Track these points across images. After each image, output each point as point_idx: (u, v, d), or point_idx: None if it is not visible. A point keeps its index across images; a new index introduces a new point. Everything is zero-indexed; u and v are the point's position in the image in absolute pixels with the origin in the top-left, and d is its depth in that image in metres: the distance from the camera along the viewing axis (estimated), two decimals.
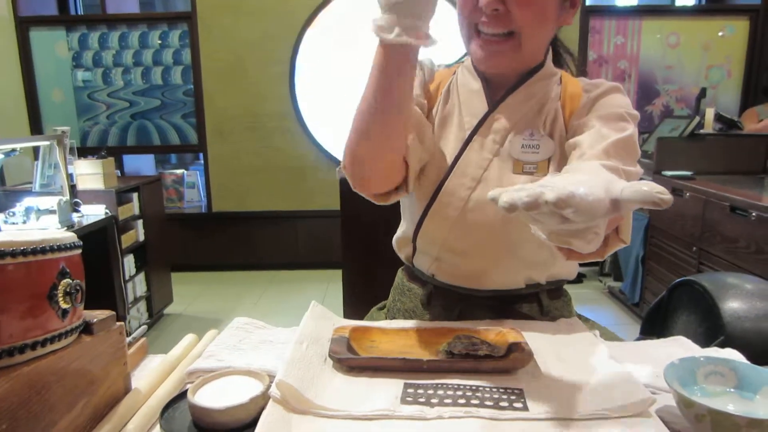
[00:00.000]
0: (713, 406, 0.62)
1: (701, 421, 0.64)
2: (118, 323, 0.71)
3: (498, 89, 0.94)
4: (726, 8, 4.47)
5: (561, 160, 0.89)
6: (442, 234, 0.93)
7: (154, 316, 3.26)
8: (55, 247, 0.57)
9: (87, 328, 0.65)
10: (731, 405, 0.69)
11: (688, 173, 2.98)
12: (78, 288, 0.60)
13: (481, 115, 0.92)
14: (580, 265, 1.04)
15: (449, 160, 0.92)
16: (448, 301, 1.00)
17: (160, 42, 4.18)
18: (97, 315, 0.67)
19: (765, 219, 2.20)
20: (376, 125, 0.78)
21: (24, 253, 0.53)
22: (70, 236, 0.61)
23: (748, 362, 0.77)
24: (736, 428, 0.61)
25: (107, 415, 0.66)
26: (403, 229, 1.05)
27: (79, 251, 0.63)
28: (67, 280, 0.58)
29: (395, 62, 0.71)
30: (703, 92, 3.62)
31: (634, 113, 0.87)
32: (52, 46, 4.18)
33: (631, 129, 0.83)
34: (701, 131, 3.19)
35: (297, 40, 4.09)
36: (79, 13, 4.60)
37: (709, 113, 3.24)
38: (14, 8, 4.05)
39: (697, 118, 3.16)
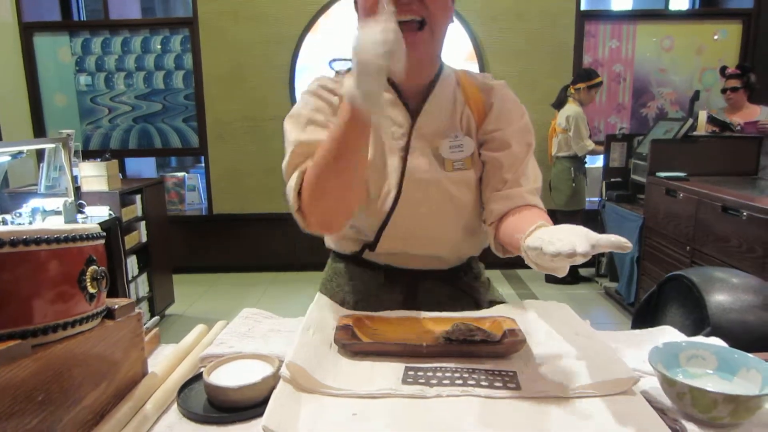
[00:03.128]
0: (693, 384, 0.67)
1: (682, 398, 0.69)
2: (137, 311, 0.75)
3: (410, 97, 1.02)
4: (719, 12, 4.55)
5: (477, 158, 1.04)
6: (406, 230, 1.02)
7: (156, 317, 3.30)
8: (84, 236, 0.62)
9: (109, 314, 0.69)
10: (710, 385, 0.74)
11: (682, 174, 3.04)
12: (103, 274, 0.64)
13: (406, 125, 1.01)
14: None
15: (394, 169, 1.00)
16: (399, 281, 1.09)
17: (161, 47, 4.23)
18: (118, 302, 0.72)
19: (756, 219, 2.26)
20: (342, 178, 0.88)
21: (57, 240, 0.58)
22: (95, 227, 0.66)
23: (727, 346, 0.82)
24: (713, 404, 0.66)
25: (128, 395, 0.70)
26: (350, 232, 1.10)
27: (103, 241, 0.68)
28: (94, 267, 0.63)
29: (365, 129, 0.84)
30: (696, 95, 3.68)
31: (524, 108, 1.06)
32: (56, 51, 4.23)
33: (532, 141, 1.05)
34: (694, 133, 3.24)
35: (297, 45, 4.15)
36: (82, 19, 4.66)
37: (702, 115, 3.30)
38: (18, 14, 4.11)
39: (690, 120, 3.22)
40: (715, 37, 4.35)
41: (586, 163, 4.00)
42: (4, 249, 0.54)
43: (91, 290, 0.62)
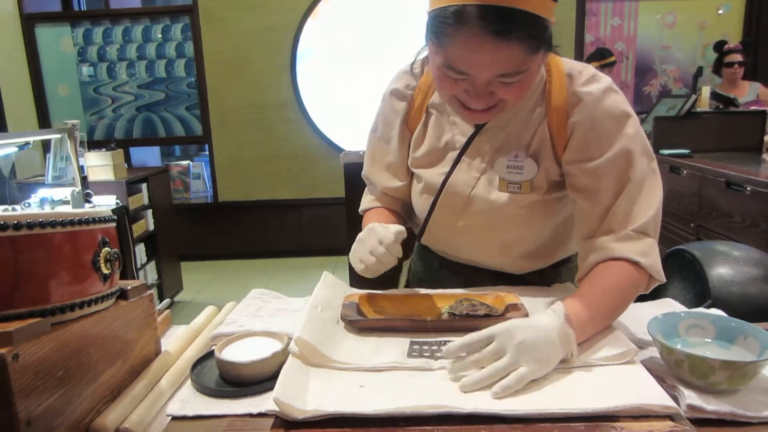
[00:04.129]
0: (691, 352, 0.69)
1: (680, 366, 0.71)
2: (149, 291, 0.78)
3: None
4: None
5: (546, 181, 0.92)
6: (443, 237, 1.05)
7: (168, 299, 3.35)
8: (96, 219, 0.64)
9: (123, 294, 0.72)
10: (708, 352, 0.76)
11: (686, 151, 3.02)
12: (116, 255, 0.67)
13: (468, 135, 0.95)
14: None
15: (440, 177, 0.97)
16: (456, 270, 1.10)
17: (162, 35, 4.22)
18: (131, 283, 0.75)
19: (759, 193, 2.26)
20: None
21: (71, 223, 0.60)
22: (106, 211, 0.68)
23: (725, 315, 0.83)
24: (711, 370, 0.68)
25: (143, 372, 0.73)
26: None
27: (114, 224, 0.70)
28: (107, 249, 0.65)
29: None
30: (699, 71, 3.65)
31: (632, 117, 0.85)
32: (58, 42, 4.23)
33: (631, 175, 0.83)
34: (697, 110, 3.22)
35: (298, 31, 4.13)
36: (83, 9, 4.65)
37: (705, 91, 3.27)
38: (20, 5, 4.10)
39: (694, 97, 3.19)
40: (719, 12, 4.29)
41: None
42: (21, 231, 0.56)
43: (105, 271, 0.64)
